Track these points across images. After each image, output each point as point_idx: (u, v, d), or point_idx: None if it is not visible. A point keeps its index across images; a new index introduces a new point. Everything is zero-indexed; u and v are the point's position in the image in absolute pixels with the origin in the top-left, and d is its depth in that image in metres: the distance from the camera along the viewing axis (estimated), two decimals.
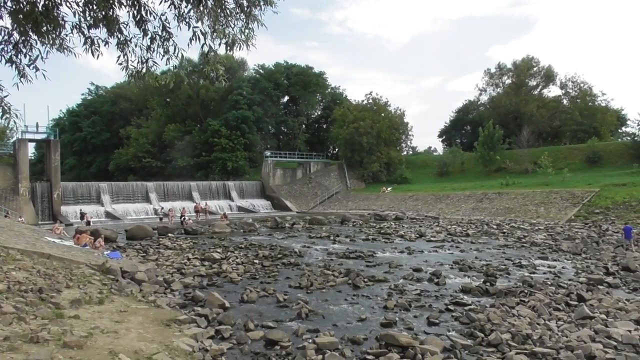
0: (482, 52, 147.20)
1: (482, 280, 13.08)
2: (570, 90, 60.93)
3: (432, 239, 23.01)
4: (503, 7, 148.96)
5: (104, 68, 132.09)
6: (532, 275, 13.83)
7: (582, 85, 59.92)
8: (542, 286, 12.10)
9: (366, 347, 7.81)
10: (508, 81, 63.65)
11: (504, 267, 15.29)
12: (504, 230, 25.86)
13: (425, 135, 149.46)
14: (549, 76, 61.57)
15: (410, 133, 65.62)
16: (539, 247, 19.99)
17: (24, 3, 4.71)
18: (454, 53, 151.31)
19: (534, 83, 62.94)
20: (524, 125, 54.90)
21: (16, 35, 4.99)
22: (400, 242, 22.11)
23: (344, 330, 8.85)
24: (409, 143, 69.85)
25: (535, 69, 61.81)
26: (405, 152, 66.76)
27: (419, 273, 14.37)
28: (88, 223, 31.25)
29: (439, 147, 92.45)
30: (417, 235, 24.28)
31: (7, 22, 4.96)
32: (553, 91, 63.63)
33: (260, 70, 67.26)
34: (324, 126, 71.83)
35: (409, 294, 11.67)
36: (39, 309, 7.98)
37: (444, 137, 74.92)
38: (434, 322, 9.27)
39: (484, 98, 68.05)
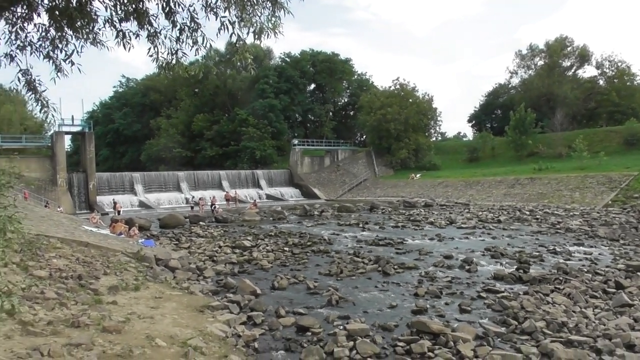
0: (511, 34, 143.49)
1: (515, 267, 12.88)
2: (607, 70, 58.72)
3: (462, 225, 22.76)
4: None
5: (133, 60, 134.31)
6: (567, 262, 13.54)
7: (619, 64, 57.62)
8: (577, 273, 11.85)
9: (397, 334, 7.83)
10: (540, 62, 61.58)
11: (537, 253, 15.02)
12: (537, 217, 25.34)
13: (454, 120, 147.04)
14: (583, 56, 59.39)
15: (439, 118, 64.63)
16: (574, 233, 19.54)
17: (60, 0, 4.84)
18: (482, 36, 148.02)
19: (568, 64, 60.75)
20: (557, 108, 53.33)
21: (52, 32, 5.13)
22: (430, 229, 21.95)
23: (374, 317, 8.88)
24: (437, 129, 68.76)
25: (569, 48, 59.57)
26: (434, 138, 65.81)
27: (450, 260, 14.26)
28: (118, 212, 31.98)
29: (468, 132, 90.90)
30: (447, 222, 24.05)
31: (44, 19, 5.10)
32: (588, 71, 61.43)
33: (287, 59, 67.16)
34: (351, 113, 71.42)
35: (439, 281, 11.61)
36: (79, 294, 8.27)
37: (473, 122, 73.49)
38: (466, 310, 9.20)
39: (515, 81, 66.28)
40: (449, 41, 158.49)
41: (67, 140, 47.46)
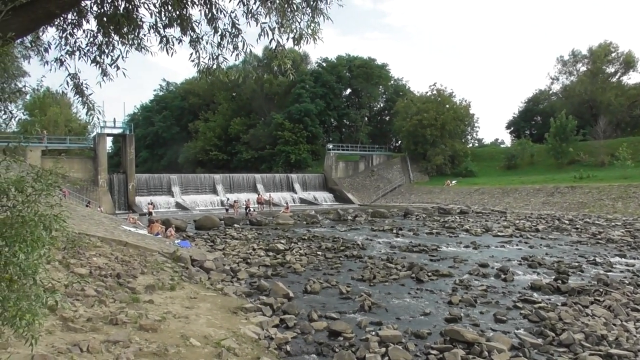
0: (553, 39, 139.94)
1: (553, 277, 12.52)
2: None
3: (499, 233, 22.28)
4: None
5: (173, 64, 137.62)
6: (607, 273, 13.06)
7: None
8: (619, 285, 11.42)
9: (430, 342, 7.72)
10: (583, 68, 59.80)
11: (576, 264, 14.55)
12: (577, 226, 24.58)
13: (492, 126, 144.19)
14: (629, 62, 57.27)
15: (476, 125, 63.72)
16: (616, 243, 18.84)
17: (108, 7, 5.02)
18: (522, 41, 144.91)
19: (612, 70, 58.67)
20: (600, 115, 51.67)
21: (100, 37, 5.34)
22: (466, 237, 21.57)
23: (407, 324, 8.79)
24: (474, 135, 67.84)
25: (613, 54, 57.55)
26: (470, 145, 64.81)
27: (485, 268, 13.97)
28: (150, 213, 32.52)
29: (506, 139, 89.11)
30: (483, 230, 23.59)
31: (92, 25, 5.31)
32: (634, 78, 59.50)
33: (323, 64, 67.49)
34: (387, 118, 71.12)
35: (474, 290, 11.40)
36: (117, 293, 8.51)
37: (512, 128, 71.94)
38: (501, 319, 9.00)
39: (556, 87, 64.62)
40: (487, 46, 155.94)
41: (109, 142, 48.93)
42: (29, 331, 3.21)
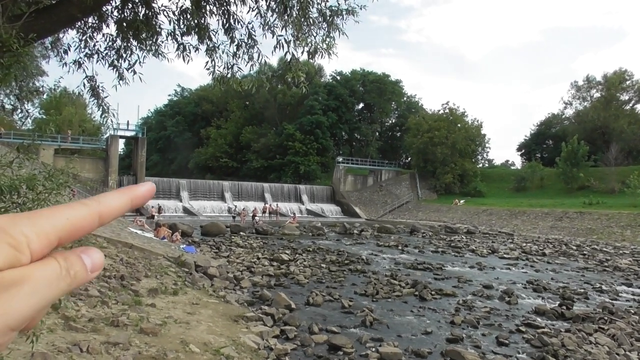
0: (567, 64, 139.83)
1: (558, 303, 12.37)
2: None
3: (505, 255, 22.10)
4: (594, 16, 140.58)
5: (188, 71, 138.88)
6: (613, 302, 12.89)
7: None
8: (624, 314, 11.26)
9: None
10: (597, 95, 59.61)
11: (582, 290, 14.38)
12: (585, 252, 24.33)
13: (503, 148, 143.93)
14: None
15: (487, 145, 63.58)
16: (623, 272, 18.61)
17: (128, 12, 5.12)
18: (536, 64, 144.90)
19: (626, 97, 58.44)
20: (612, 142, 51.28)
21: (119, 42, 5.43)
22: (471, 257, 21.42)
23: (408, 341, 8.72)
24: (485, 155, 67.73)
25: (628, 82, 57.44)
26: (480, 165, 64.65)
27: (490, 290, 13.85)
28: (152, 217, 32.40)
29: (517, 161, 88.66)
30: (489, 251, 23.41)
31: (112, 29, 5.41)
32: None
33: (337, 77, 67.85)
34: (398, 134, 71.14)
35: (477, 311, 11.29)
36: (120, 294, 8.54)
37: (522, 150, 71.65)
38: (503, 342, 8.90)
39: (569, 112, 64.33)
40: (502, 68, 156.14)
41: (121, 144, 49.36)
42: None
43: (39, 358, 4.79)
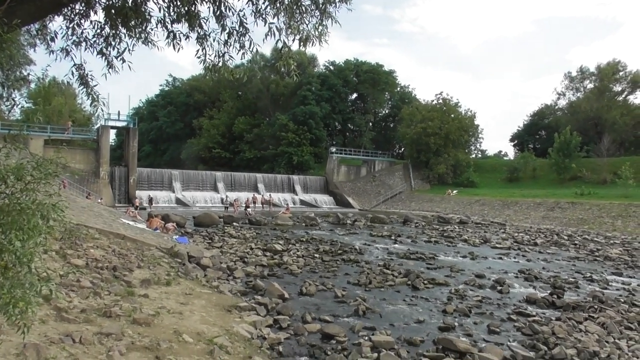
0: (561, 55, 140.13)
1: (549, 292, 12.48)
2: None
3: (497, 245, 22.26)
4: (588, 7, 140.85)
5: (180, 60, 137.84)
6: (603, 290, 13.02)
7: None
8: (614, 303, 11.38)
9: (422, 350, 7.71)
10: (590, 85, 59.84)
11: (573, 280, 14.52)
12: (576, 242, 24.55)
13: (496, 138, 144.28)
14: (636, 82, 57.21)
15: (480, 136, 63.73)
16: (613, 261, 18.81)
17: None
18: (530, 55, 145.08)
19: (619, 88, 58.69)
20: (604, 133, 51.61)
21: (107, 29, 5.35)
22: (464, 247, 21.55)
23: (400, 330, 8.78)
24: (478, 146, 67.89)
25: (621, 73, 57.63)
26: (473, 155, 64.87)
27: (482, 279, 13.95)
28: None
29: (510, 151, 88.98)
30: (482, 241, 23.56)
31: (100, 16, 5.33)
32: None
33: (330, 67, 67.61)
34: (391, 125, 71.14)
35: (469, 300, 11.38)
36: (112, 285, 8.52)
37: (515, 141, 71.92)
38: (495, 331, 8.98)
39: (562, 102, 64.59)
40: (495, 58, 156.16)
41: (112, 135, 49.02)
42: (22, 319, 3.21)
43: (31, 349, 4.77)
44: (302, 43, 5.30)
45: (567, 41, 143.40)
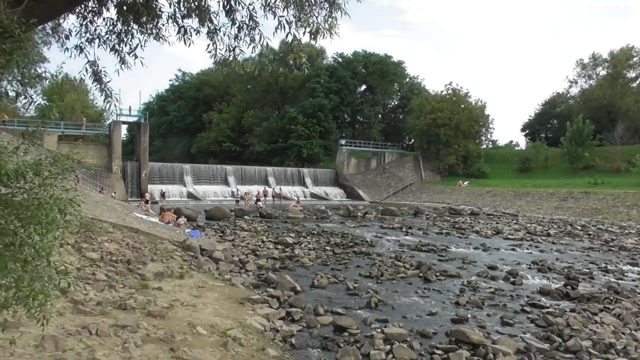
0: (573, 41, 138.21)
1: (563, 283, 12.41)
2: None
3: (509, 236, 22.15)
4: None
5: (188, 55, 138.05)
6: (619, 281, 12.93)
7: None
8: (629, 294, 11.29)
9: (435, 342, 7.72)
10: (602, 72, 58.86)
11: (587, 270, 14.42)
12: (590, 232, 24.34)
13: (507, 128, 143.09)
14: None
15: (491, 126, 63.25)
16: (629, 252, 18.62)
17: None
18: (541, 43, 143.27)
19: (633, 75, 57.48)
20: (618, 121, 50.90)
21: (119, 26, 5.40)
22: (475, 238, 21.47)
23: (413, 322, 8.79)
24: (489, 136, 67.34)
25: (635, 59, 56.52)
26: (484, 146, 64.37)
27: (494, 271, 13.90)
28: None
29: (521, 141, 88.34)
30: (494, 232, 23.45)
31: (112, 13, 5.37)
32: None
33: (339, 59, 67.33)
34: (401, 116, 70.82)
35: (482, 292, 11.36)
36: (127, 278, 8.63)
37: (527, 131, 71.22)
38: (508, 323, 8.96)
39: (574, 90, 63.74)
40: (505, 47, 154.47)
41: (124, 130, 49.32)
42: (41, 312, 3.28)
43: (50, 341, 4.87)
44: (312, 36, 5.30)
45: (579, 27, 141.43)
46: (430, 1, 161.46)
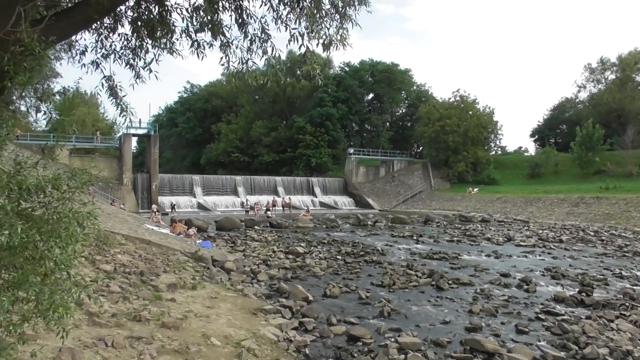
0: (580, 47, 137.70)
1: (577, 289, 12.30)
2: None
3: (521, 243, 21.99)
4: None
5: (197, 67, 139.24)
6: (634, 287, 12.80)
7: None
8: None
9: (450, 351, 7.68)
10: (611, 76, 58.52)
11: (602, 277, 14.27)
12: (603, 238, 24.11)
13: (516, 134, 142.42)
14: None
15: (499, 132, 62.98)
16: None
17: (142, 11, 5.18)
18: (548, 48, 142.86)
19: None
20: (628, 125, 50.44)
21: (134, 41, 5.50)
22: (487, 245, 21.34)
23: (426, 331, 8.75)
24: (498, 142, 67.05)
25: None
26: (493, 152, 64.07)
27: (507, 278, 13.81)
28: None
29: (530, 147, 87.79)
30: (505, 239, 23.30)
31: (127, 29, 5.47)
32: None
33: (346, 68, 67.55)
34: (409, 124, 70.72)
35: (495, 300, 11.28)
36: (140, 290, 8.67)
37: (536, 136, 70.80)
38: (523, 331, 8.88)
39: (583, 95, 63.33)
40: (512, 53, 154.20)
41: (134, 142, 49.72)
42: (60, 324, 3.32)
43: (67, 353, 4.90)
44: (325, 47, 5.35)
45: (586, 33, 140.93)
46: (435, 8, 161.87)
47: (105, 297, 7.66)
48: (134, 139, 47.11)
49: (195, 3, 5.36)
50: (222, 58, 5.66)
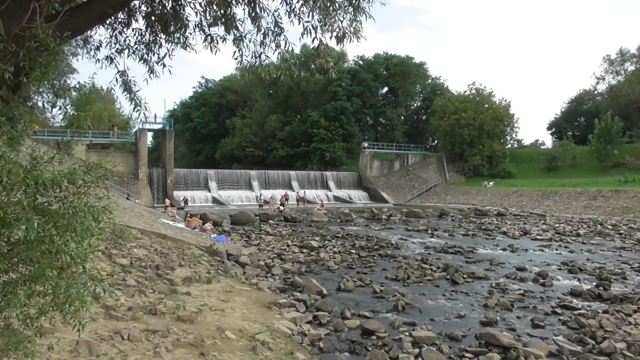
0: (599, 38, 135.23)
1: (594, 283, 12.13)
2: None
3: (537, 237, 21.75)
4: None
5: (211, 62, 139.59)
6: None
7: None
8: None
9: (465, 345, 7.63)
10: (631, 68, 57.45)
11: (620, 271, 14.06)
12: (621, 232, 23.74)
13: (532, 127, 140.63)
14: None
15: (516, 125, 62.26)
16: None
17: (156, 6, 5.20)
18: (566, 40, 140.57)
19: None
20: None
21: (148, 36, 5.52)
22: (503, 239, 21.15)
23: (441, 325, 8.70)
24: (514, 136, 66.30)
25: None
26: (509, 145, 63.39)
27: (523, 272, 13.67)
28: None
29: (547, 140, 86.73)
30: (521, 233, 23.07)
31: (140, 24, 5.49)
32: None
33: (360, 62, 67.27)
34: (423, 117, 70.31)
35: (511, 294, 11.18)
36: (156, 284, 8.75)
37: (553, 129, 69.92)
38: (539, 325, 8.79)
39: (602, 87, 62.37)
40: (529, 44, 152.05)
41: (149, 137, 50.16)
42: (77, 318, 3.36)
43: (84, 346, 4.98)
44: (338, 40, 5.31)
45: (605, 24, 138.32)
46: (450, 0, 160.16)
47: (122, 291, 7.75)
48: (150, 134, 47.55)
49: None
50: (235, 52, 5.66)
